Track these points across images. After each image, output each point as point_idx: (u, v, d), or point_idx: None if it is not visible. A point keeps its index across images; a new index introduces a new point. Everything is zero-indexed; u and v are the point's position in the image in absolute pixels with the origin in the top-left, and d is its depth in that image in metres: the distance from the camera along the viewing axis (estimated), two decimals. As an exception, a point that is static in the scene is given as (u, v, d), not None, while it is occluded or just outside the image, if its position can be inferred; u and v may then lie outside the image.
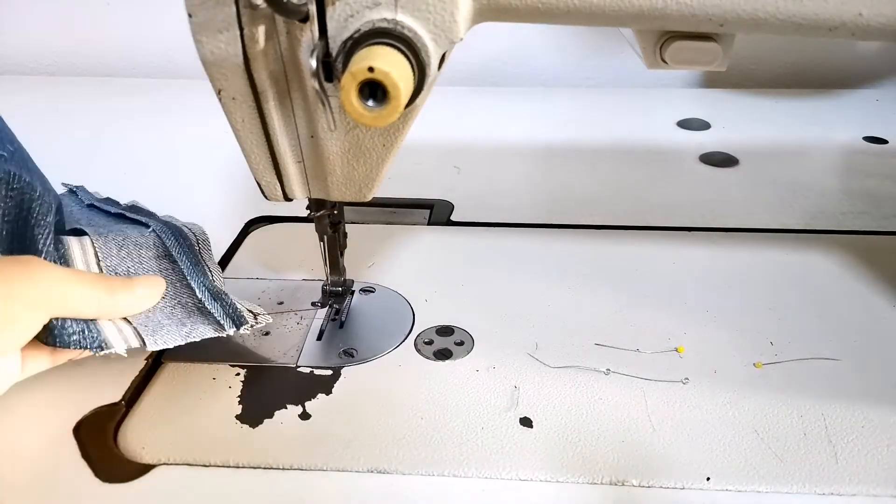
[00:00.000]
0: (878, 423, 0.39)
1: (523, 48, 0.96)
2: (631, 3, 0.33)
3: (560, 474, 0.37)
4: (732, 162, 0.72)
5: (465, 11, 0.33)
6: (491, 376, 0.43)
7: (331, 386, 0.42)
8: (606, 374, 0.43)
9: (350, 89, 0.29)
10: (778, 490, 0.36)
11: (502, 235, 0.58)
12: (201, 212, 0.62)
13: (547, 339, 0.46)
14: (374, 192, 0.40)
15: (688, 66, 0.38)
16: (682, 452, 0.38)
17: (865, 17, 0.32)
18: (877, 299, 0.50)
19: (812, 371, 0.43)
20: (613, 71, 0.96)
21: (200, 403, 0.41)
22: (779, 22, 0.33)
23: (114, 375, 0.43)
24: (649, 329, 0.47)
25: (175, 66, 0.97)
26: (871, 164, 0.71)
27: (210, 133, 0.73)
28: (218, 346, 0.45)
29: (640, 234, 0.58)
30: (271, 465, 0.37)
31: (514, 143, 0.77)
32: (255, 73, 0.34)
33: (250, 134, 0.37)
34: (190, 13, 0.33)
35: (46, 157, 0.74)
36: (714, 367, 0.43)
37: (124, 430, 0.40)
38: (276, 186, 0.40)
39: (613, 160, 0.73)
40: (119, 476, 0.37)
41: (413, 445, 0.38)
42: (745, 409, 0.40)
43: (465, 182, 0.67)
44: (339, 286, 0.48)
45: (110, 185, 0.67)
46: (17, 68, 0.99)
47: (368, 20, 0.32)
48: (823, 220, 0.61)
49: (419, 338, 0.46)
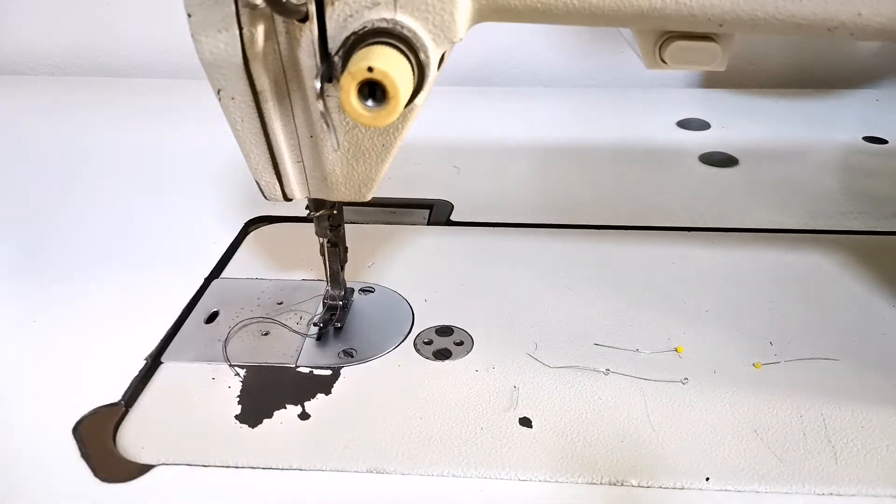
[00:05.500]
0: (878, 423, 0.39)
1: (523, 48, 0.96)
2: (631, 3, 0.33)
3: (559, 474, 0.37)
4: (732, 162, 0.72)
5: (465, 11, 0.33)
6: (490, 376, 0.43)
7: (330, 386, 0.42)
8: (606, 375, 0.43)
9: (349, 89, 0.29)
10: (777, 490, 0.36)
11: (502, 235, 0.58)
12: (201, 212, 0.62)
13: (546, 339, 0.46)
14: (373, 192, 0.40)
15: (687, 66, 0.38)
16: (681, 452, 0.38)
17: (864, 17, 0.32)
18: (876, 299, 0.50)
19: (812, 371, 0.43)
20: (613, 71, 0.96)
21: (200, 403, 0.41)
22: (778, 22, 0.33)
23: (113, 375, 0.43)
24: (649, 329, 0.47)
25: (174, 66, 0.97)
26: (871, 164, 0.71)
27: (209, 133, 0.73)
28: (218, 346, 0.45)
29: (640, 234, 0.58)
30: (271, 465, 0.37)
31: (514, 143, 0.77)
32: (255, 73, 0.34)
33: (249, 134, 0.37)
34: (189, 13, 0.33)
35: (46, 158, 0.75)
36: (714, 367, 0.43)
37: (124, 429, 0.40)
38: (275, 186, 0.40)
39: (613, 160, 0.73)
40: (118, 476, 0.37)
41: (412, 445, 0.38)
42: (745, 409, 0.40)
43: (465, 182, 0.67)
44: (340, 300, 0.48)
45: (110, 185, 0.68)
46: (18, 68, 0.99)
47: (368, 20, 0.32)
48: (823, 220, 0.61)
49: (419, 338, 0.46)
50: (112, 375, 0.43)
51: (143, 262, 0.55)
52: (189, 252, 0.56)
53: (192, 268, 0.53)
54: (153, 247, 0.57)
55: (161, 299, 0.50)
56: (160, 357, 0.45)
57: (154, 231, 0.60)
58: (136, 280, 0.53)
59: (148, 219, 0.62)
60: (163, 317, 0.48)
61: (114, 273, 0.54)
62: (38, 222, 0.61)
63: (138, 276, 0.53)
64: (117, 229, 0.60)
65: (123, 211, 0.63)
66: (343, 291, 0.48)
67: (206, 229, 0.59)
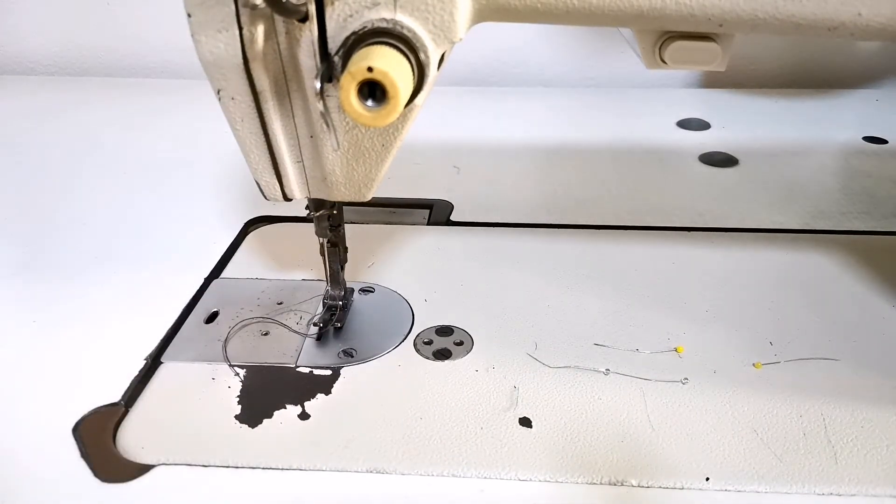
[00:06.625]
0: (878, 423, 0.39)
1: (523, 48, 0.96)
2: (630, 3, 0.33)
3: (559, 474, 0.37)
4: (732, 162, 0.72)
5: (465, 11, 0.33)
6: (490, 376, 0.43)
7: (330, 386, 0.42)
8: (606, 374, 0.43)
9: (349, 89, 0.29)
10: (777, 490, 0.36)
11: (502, 235, 0.58)
12: (201, 212, 0.62)
13: (546, 339, 0.46)
14: (373, 191, 0.40)
15: (687, 66, 0.38)
16: (681, 452, 0.38)
17: (864, 17, 0.32)
18: (876, 299, 0.50)
19: (812, 371, 0.43)
20: (613, 71, 0.96)
21: (200, 403, 0.41)
22: (778, 22, 0.33)
23: (113, 375, 0.43)
24: (649, 329, 0.47)
25: (174, 66, 0.97)
26: (871, 164, 0.71)
27: (209, 133, 0.73)
28: (218, 346, 0.45)
29: (640, 234, 0.58)
30: (270, 465, 0.37)
31: (514, 143, 0.77)
32: (255, 73, 0.34)
33: (249, 134, 0.37)
34: (189, 13, 0.33)
35: (46, 158, 0.75)
36: (714, 367, 0.43)
37: (124, 429, 0.40)
38: (275, 186, 0.40)
39: (613, 160, 0.73)
40: (118, 476, 0.37)
41: (412, 445, 0.38)
42: (745, 410, 0.40)
43: (464, 182, 0.67)
44: (340, 300, 0.48)
45: (110, 185, 0.68)
46: (18, 68, 0.99)
47: (368, 20, 0.32)
48: (823, 220, 0.61)
49: (419, 338, 0.46)
50: (112, 375, 0.43)
51: (143, 262, 0.55)
52: (189, 252, 0.56)
53: (192, 268, 0.53)
54: (153, 247, 0.57)
55: (161, 299, 0.50)
56: (160, 357, 0.45)
57: (154, 231, 0.60)
58: (136, 280, 0.53)
59: (148, 219, 0.62)
60: (163, 317, 0.48)
61: (114, 273, 0.54)
62: (38, 222, 0.61)
63: (138, 276, 0.53)
64: (117, 229, 0.60)
65: (123, 211, 0.63)
66: (343, 291, 0.48)
67: (206, 229, 0.59)
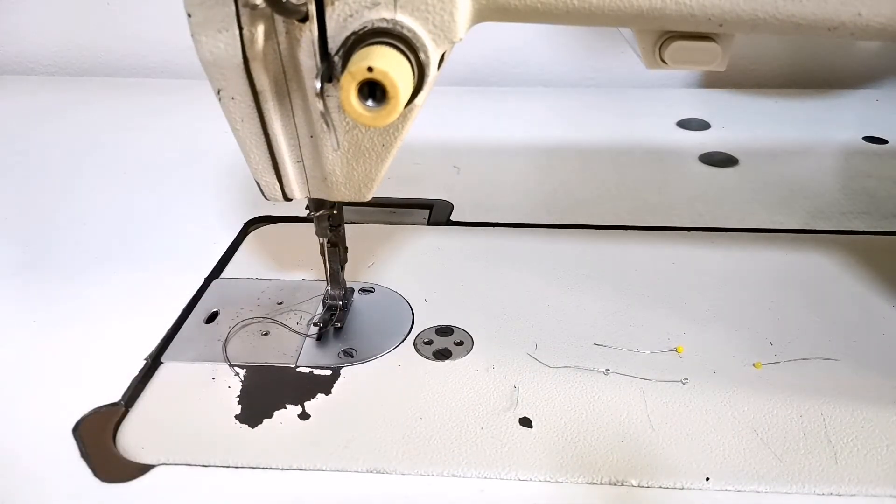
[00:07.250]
0: (878, 423, 0.39)
1: (523, 48, 0.96)
2: (631, 3, 0.33)
3: (559, 474, 0.37)
4: (732, 162, 0.72)
5: (465, 11, 0.33)
6: (490, 376, 0.43)
7: (330, 386, 0.42)
8: (606, 374, 0.43)
9: (349, 89, 0.29)
10: (777, 490, 0.36)
11: (502, 235, 0.58)
12: (201, 212, 0.62)
13: (546, 339, 0.46)
14: (373, 191, 0.40)
15: (687, 66, 0.38)
16: (681, 452, 0.38)
17: (864, 17, 0.32)
18: (876, 299, 0.50)
19: (811, 371, 0.43)
20: (613, 71, 0.96)
21: (200, 403, 0.41)
22: (778, 22, 0.33)
23: (113, 375, 0.43)
24: (649, 329, 0.47)
25: (174, 66, 0.97)
26: (871, 164, 0.71)
27: (209, 133, 0.73)
28: (218, 346, 0.45)
29: (640, 234, 0.58)
30: (270, 465, 0.37)
31: (514, 143, 0.77)
32: (255, 73, 0.34)
33: (249, 134, 0.37)
34: (189, 13, 0.33)
35: (46, 158, 0.75)
36: (714, 367, 0.43)
37: (124, 429, 0.40)
38: (275, 186, 0.40)
39: (613, 160, 0.73)
40: (118, 476, 0.37)
41: (412, 445, 0.38)
42: (745, 409, 0.40)
43: (464, 182, 0.67)
44: (340, 300, 0.48)
45: (110, 185, 0.68)
46: (18, 68, 0.99)
47: (368, 20, 0.32)
48: (823, 220, 0.61)
49: (419, 338, 0.46)
50: (112, 375, 0.43)
51: (142, 262, 0.55)
52: (189, 252, 0.56)
53: (192, 268, 0.53)
54: (153, 247, 0.57)
55: (161, 299, 0.50)
56: (160, 357, 0.45)
57: (154, 231, 0.60)
58: (135, 280, 0.53)
59: (148, 219, 0.62)
60: (163, 317, 0.48)
61: (114, 273, 0.54)
62: (39, 222, 0.61)
63: (138, 276, 0.53)
64: (117, 229, 0.60)
65: (123, 211, 0.63)
66: (343, 291, 0.48)
67: (206, 229, 0.59)
